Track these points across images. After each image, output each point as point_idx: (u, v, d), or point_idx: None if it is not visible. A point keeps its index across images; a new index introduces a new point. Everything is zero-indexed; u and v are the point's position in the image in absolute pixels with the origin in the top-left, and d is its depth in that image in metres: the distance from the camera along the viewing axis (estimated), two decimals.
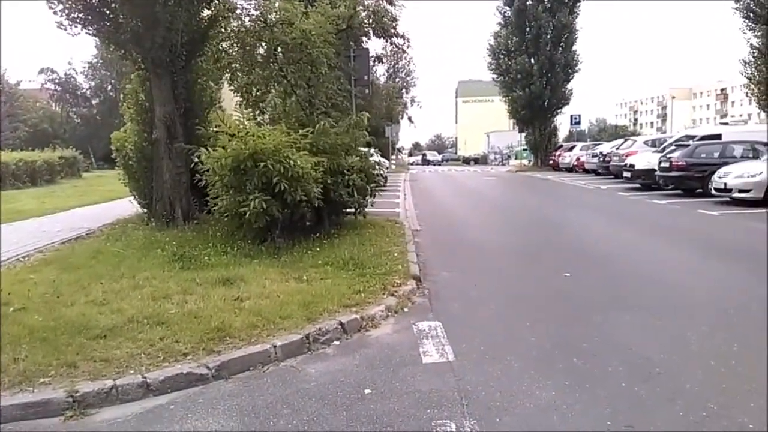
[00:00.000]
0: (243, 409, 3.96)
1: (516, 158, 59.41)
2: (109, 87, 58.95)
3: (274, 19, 9.80)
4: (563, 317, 5.98)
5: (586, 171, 31.39)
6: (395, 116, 51.17)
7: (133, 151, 11.13)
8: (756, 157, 17.05)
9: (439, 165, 69.80)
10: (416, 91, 72.06)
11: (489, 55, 41.20)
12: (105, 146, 52.14)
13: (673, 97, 79.54)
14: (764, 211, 13.43)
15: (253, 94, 11.71)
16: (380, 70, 52.63)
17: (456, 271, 8.30)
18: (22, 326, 4.98)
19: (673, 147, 19.08)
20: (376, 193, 11.21)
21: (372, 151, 13.68)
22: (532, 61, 39.29)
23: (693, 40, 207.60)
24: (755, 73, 27.51)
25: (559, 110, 40.78)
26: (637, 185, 20.93)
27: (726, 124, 23.85)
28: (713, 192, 15.89)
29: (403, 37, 13.50)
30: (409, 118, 53.83)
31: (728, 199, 15.37)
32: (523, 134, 43.80)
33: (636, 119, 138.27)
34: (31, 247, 9.22)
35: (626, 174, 21.27)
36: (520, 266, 8.80)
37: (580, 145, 35.56)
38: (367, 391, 4.19)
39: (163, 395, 4.17)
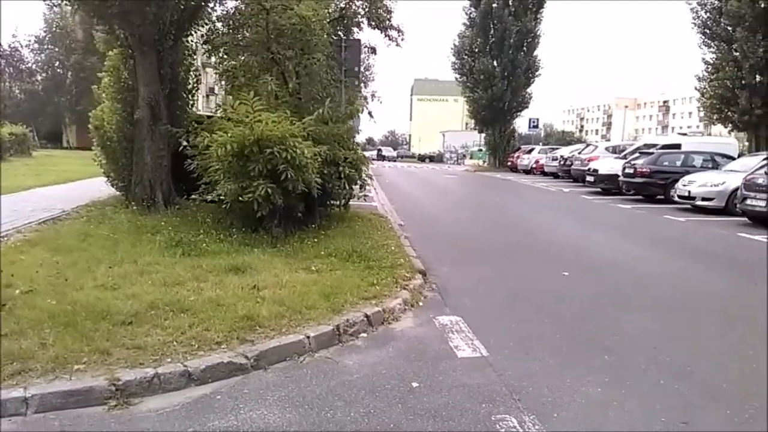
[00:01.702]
0: (294, 400, 3.86)
1: (471, 158, 60.25)
2: (57, 63, 56.44)
3: (272, 3, 9.53)
4: (575, 315, 6.10)
5: (544, 174, 32.19)
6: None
7: (113, 131, 10.66)
8: (715, 167, 17.84)
9: (395, 161, 69.97)
10: (373, 86, 71.83)
11: (453, 55, 41.63)
12: (49, 123, 49.57)
13: (626, 107, 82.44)
14: (725, 219, 14.10)
15: (240, 79, 11.39)
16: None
17: (453, 265, 8.34)
18: (38, 310, 4.70)
19: (637, 154, 19.74)
20: (366, 186, 11.10)
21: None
22: (495, 63, 39.89)
23: (637, 53, 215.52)
24: (708, 88, 28.73)
25: (518, 113, 41.63)
26: (598, 189, 21.60)
27: (685, 134, 24.89)
28: (676, 199, 16.55)
29: (398, 29, 13.46)
30: (369, 113, 53.54)
31: (689, 206, 16.03)
32: (483, 135, 44.43)
33: (582, 126, 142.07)
34: (8, 227, 8.72)
35: (589, 178, 21.87)
36: (513, 263, 8.92)
37: (538, 148, 36.37)
38: (414, 384, 4.16)
39: (204, 385, 4.02)
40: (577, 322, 5.83)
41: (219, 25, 10.97)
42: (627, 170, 18.80)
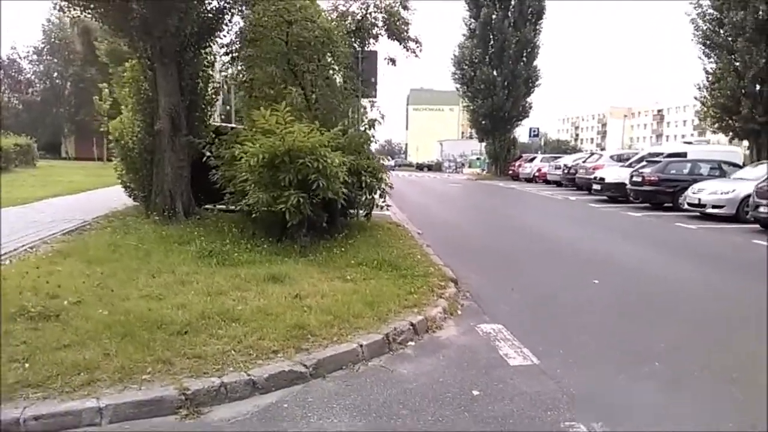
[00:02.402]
0: (359, 408, 3.88)
1: (470, 167, 60.54)
2: (55, 74, 56.51)
3: (295, 16, 9.60)
4: (613, 322, 6.17)
5: (547, 182, 32.31)
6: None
7: (134, 142, 10.68)
8: (722, 175, 17.98)
9: (393, 170, 69.96)
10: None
11: (453, 65, 41.83)
12: (48, 134, 49.51)
13: (626, 116, 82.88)
14: (736, 226, 14.20)
15: (258, 90, 11.44)
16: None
17: (480, 274, 8.34)
18: (93, 321, 4.71)
19: (644, 163, 19.87)
20: (385, 196, 11.12)
21: None
22: (495, 73, 40.14)
23: (631, 62, 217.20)
24: (708, 98, 28.97)
25: (519, 122, 41.87)
26: (604, 197, 21.69)
27: (690, 143, 25.11)
28: (685, 206, 16.67)
29: (416, 40, 13.56)
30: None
31: (698, 213, 16.15)
32: (483, 144, 44.65)
33: (577, 135, 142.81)
34: (33, 237, 8.74)
35: (596, 186, 21.96)
36: (538, 271, 8.91)
37: (540, 156, 36.56)
38: (475, 392, 4.18)
39: (268, 393, 4.05)
40: (617, 329, 5.89)
41: (237, 38, 11.02)
42: (635, 178, 18.92)
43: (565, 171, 28.10)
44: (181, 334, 4.62)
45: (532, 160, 36.24)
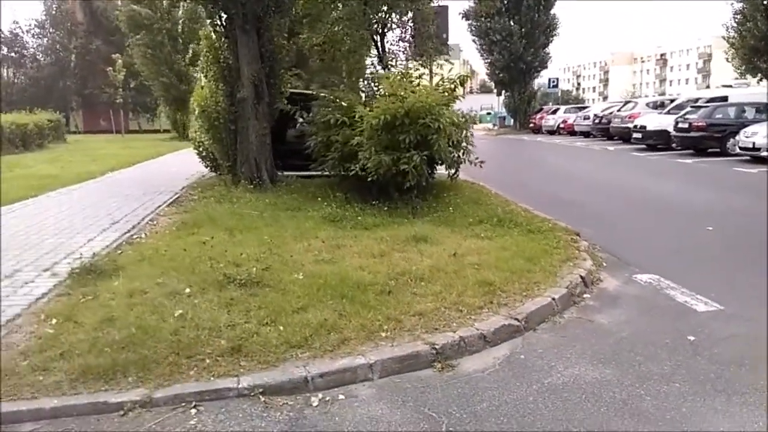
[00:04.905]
0: (593, 357, 4.05)
1: (480, 122, 60.10)
2: (58, 47, 55.67)
3: None
4: (758, 264, 6.26)
5: (572, 133, 32.17)
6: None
7: (218, 112, 10.71)
8: None
9: None
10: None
11: (470, 17, 41.00)
12: (56, 109, 49.30)
13: (642, 60, 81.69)
14: None
15: (328, 53, 11.38)
16: None
17: (585, 226, 8.36)
18: (299, 285, 4.86)
19: (689, 108, 19.83)
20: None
21: None
22: (512, 23, 39.49)
23: (631, 5, 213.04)
24: (737, 38, 28.65)
25: (537, 73, 41.48)
26: (643, 146, 21.71)
27: (729, 86, 24.95)
28: (737, 151, 16.72)
29: None
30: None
31: (748, 157, 16.22)
32: (501, 97, 44.33)
33: (579, 84, 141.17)
34: (143, 211, 8.89)
35: (636, 135, 21.93)
36: (642, 221, 9.02)
37: (563, 108, 36.40)
38: (690, 338, 4.36)
39: (497, 346, 4.23)
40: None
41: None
42: (681, 125, 18.91)
43: (596, 121, 28.00)
44: (386, 294, 4.79)
45: (554, 111, 36.07)
